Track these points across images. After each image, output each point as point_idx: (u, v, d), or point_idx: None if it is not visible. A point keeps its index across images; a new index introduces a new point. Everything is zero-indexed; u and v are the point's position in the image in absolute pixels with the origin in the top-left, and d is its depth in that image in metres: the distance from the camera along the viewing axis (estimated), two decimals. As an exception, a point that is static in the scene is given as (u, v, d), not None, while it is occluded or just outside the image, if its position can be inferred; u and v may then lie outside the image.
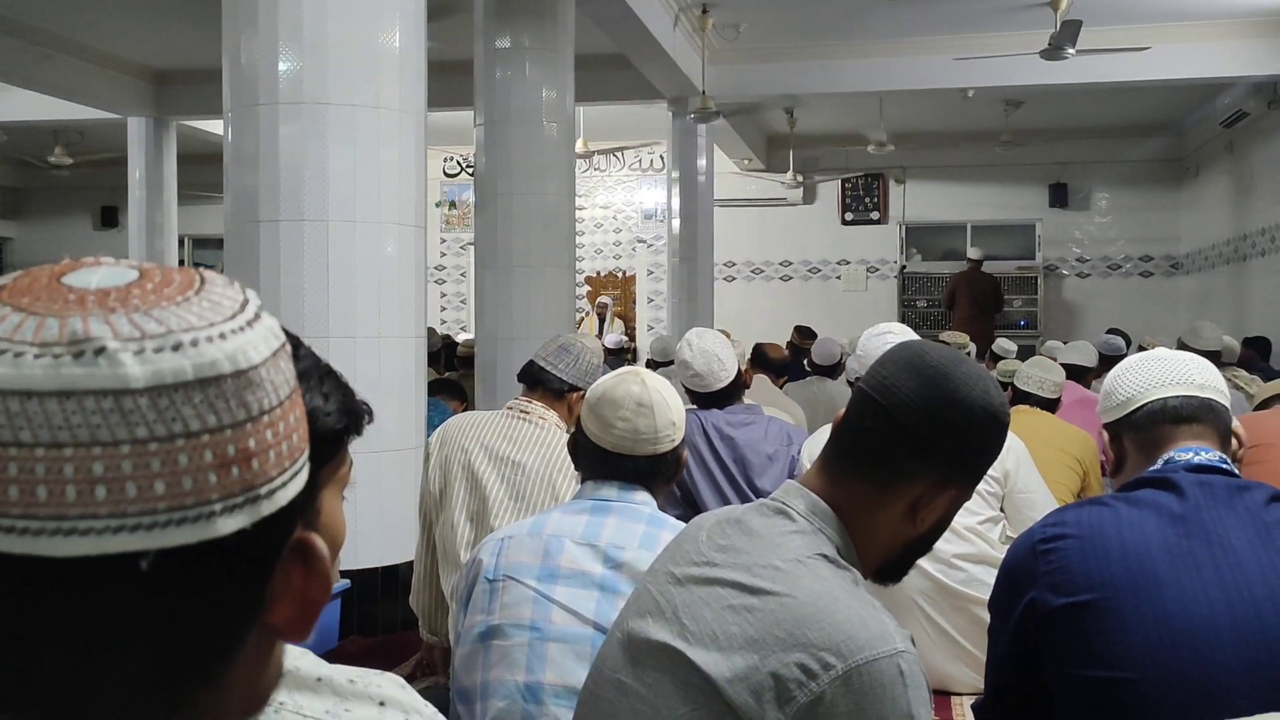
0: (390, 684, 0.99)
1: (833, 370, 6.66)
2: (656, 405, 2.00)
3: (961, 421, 1.35)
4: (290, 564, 0.60)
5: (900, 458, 1.36)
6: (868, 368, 3.18)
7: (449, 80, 7.52)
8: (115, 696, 0.54)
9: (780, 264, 14.03)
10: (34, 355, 0.51)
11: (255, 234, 3.71)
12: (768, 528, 1.39)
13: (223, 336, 0.54)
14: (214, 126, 11.32)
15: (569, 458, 2.91)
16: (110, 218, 14.96)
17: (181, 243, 11.68)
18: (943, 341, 7.23)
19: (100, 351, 0.51)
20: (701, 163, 10.22)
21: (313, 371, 0.86)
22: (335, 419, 0.86)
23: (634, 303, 14.38)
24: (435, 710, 1.00)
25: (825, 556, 1.35)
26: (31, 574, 0.52)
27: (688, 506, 3.36)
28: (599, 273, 14.42)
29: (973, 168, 13.34)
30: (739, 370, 3.48)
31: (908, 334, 3.16)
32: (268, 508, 0.56)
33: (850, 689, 1.22)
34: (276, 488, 0.57)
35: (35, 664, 0.54)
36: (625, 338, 12.52)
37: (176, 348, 0.53)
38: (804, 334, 10.53)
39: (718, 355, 3.40)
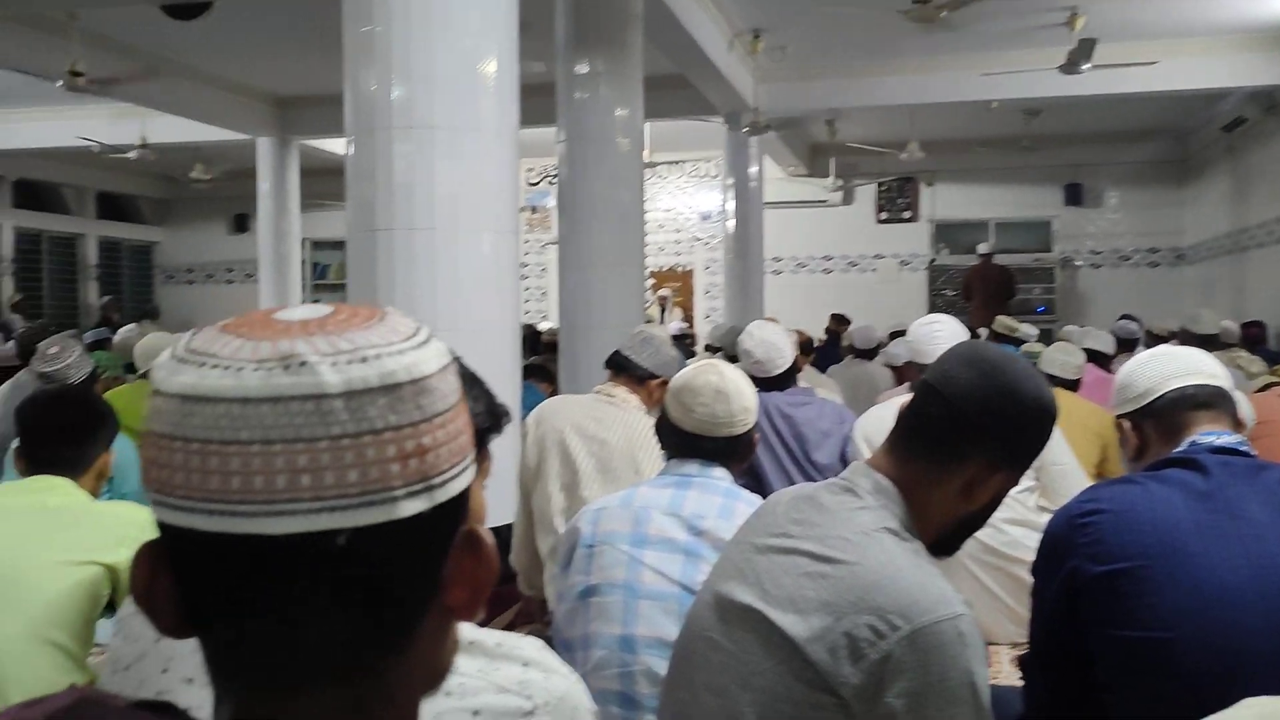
0: (532, 646, 1.00)
1: (870, 354, 6.59)
2: (732, 393, 2.00)
3: (1013, 411, 1.34)
4: (461, 551, 0.61)
5: (957, 442, 1.36)
6: (916, 352, 3.15)
7: (532, 101, 7.53)
8: (316, 663, 0.56)
9: (822, 259, 13.92)
10: (251, 369, 0.54)
11: (373, 241, 3.74)
12: (837, 504, 1.39)
13: (401, 352, 0.57)
14: (329, 145, 11.45)
15: (648, 436, 2.93)
16: (241, 224, 15.16)
17: (302, 245, 11.84)
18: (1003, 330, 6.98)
19: (303, 364, 0.54)
20: (753, 170, 10.15)
21: (464, 379, 0.89)
22: (483, 419, 0.88)
23: (692, 294, 14.35)
24: (570, 669, 1.01)
25: (890, 530, 1.35)
26: (249, 552, 0.54)
27: (750, 476, 3.36)
28: (661, 268, 14.37)
29: (995, 170, 13.13)
30: (795, 357, 3.46)
31: (953, 323, 3.12)
32: (441, 496, 0.58)
33: (915, 648, 1.22)
34: (448, 479, 0.58)
35: (249, 634, 0.56)
36: (685, 324, 12.51)
37: (364, 360, 0.55)
38: (839, 320, 10.45)
39: (776, 344, 3.39)
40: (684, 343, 10.93)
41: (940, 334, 3.08)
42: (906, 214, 13.64)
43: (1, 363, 5.55)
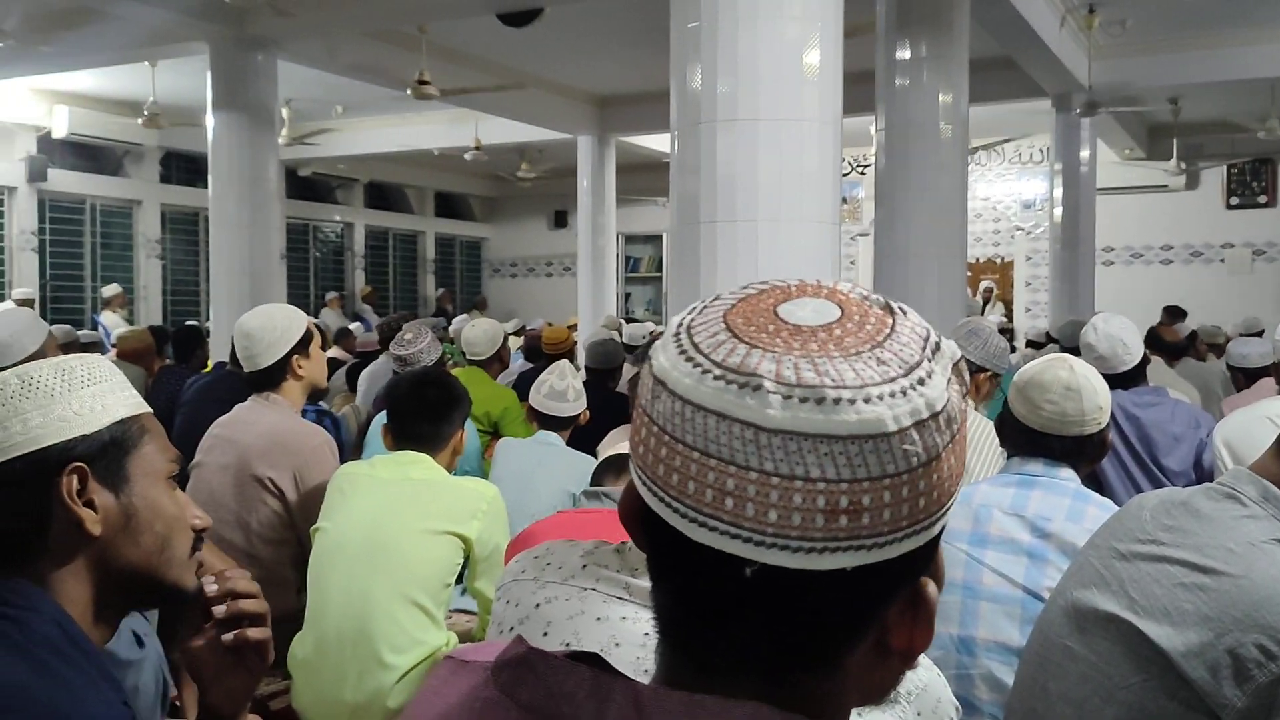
0: None
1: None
2: (1084, 390, 1.90)
3: None
4: (905, 604, 0.59)
5: None
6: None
7: (845, 90, 7.44)
8: (730, 658, 0.58)
9: (1161, 249, 12.87)
10: (713, 376, 0.55)
11: (696, 233, 3.84)
12: (1218, 511, 1.29)
13: (867, 400, 0.54)
14: (643, 140, 11.84)
15: (977, 433, 2.84)
16: (561, 220, 16.00)
17: (615, 239, 12.31)
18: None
19: (757, 389, 0.54)
20: (1084, 154, 9.53)
21: None
22: None
23: (1011, 286, 13.71)
24: (931, 661, 1.00)
25: (1281, 542, 1.23)
26: (677, 542, 0.57)
27: (1090, 480, 3.17)
28: (978, 259, 13.82)
29: (1374, 147, 11.64)
30: (1144, 354, 3.23)
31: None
32: (873, 557, 0.55)
33: (1314, 673, 1.11)
34: (883, 543, 0.55)
35: (679, 616, 0.60)
36: (1004, 318, 11.97)
37: (820, 401, 0.53)
38: (1175, 314, 9.62)
39: (1122, 340, 3.17)
40: (1003, 337, 10.48)
41: (1315, 331, 2.78)
42: (1262, 198, 12.37)
43: (361, 348, 6.16)
